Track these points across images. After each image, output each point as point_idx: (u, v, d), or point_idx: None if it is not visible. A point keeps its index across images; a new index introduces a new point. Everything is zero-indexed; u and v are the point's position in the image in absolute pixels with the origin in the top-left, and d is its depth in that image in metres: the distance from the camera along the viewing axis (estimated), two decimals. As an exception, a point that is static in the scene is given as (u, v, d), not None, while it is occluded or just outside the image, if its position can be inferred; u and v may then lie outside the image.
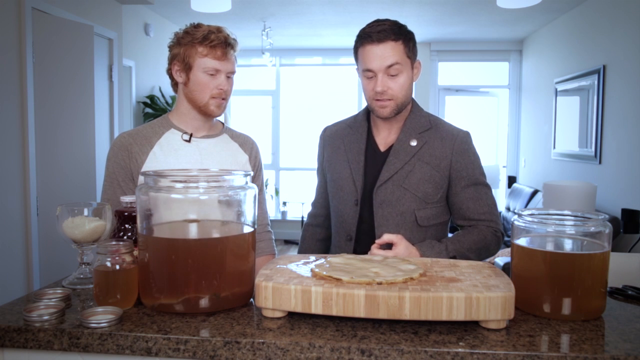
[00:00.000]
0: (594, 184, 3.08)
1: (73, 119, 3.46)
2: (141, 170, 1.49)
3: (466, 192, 1.49)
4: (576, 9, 4.69)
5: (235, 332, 0.93)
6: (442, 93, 6.52)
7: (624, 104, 3.80)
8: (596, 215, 1.07)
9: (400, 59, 1.42)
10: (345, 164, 1.55)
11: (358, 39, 1.46)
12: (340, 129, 1.63)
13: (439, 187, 1.49)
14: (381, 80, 1.42)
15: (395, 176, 1.48)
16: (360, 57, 1.46)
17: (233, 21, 5.32)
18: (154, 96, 5.08)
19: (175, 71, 1.53)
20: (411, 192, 1.47)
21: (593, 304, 1.02)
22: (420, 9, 4.87)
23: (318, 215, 1.71)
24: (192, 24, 1.53)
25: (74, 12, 3.54)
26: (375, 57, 1.41)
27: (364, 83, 1.48)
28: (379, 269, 1.04)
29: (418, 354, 0.87)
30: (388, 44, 1.41)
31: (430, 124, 1.53)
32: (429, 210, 1.49)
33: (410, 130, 1.51)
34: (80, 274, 1.22)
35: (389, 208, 1.48)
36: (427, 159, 1.48)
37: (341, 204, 1.55)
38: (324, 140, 1.66)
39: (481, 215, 1.49)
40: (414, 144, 1.49)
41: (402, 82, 1.44)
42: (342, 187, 1.55)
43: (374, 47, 1.41)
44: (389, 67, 1.41)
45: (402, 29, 1.44)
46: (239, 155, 1.63)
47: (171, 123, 1.57)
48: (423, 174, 1.47)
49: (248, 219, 1.11)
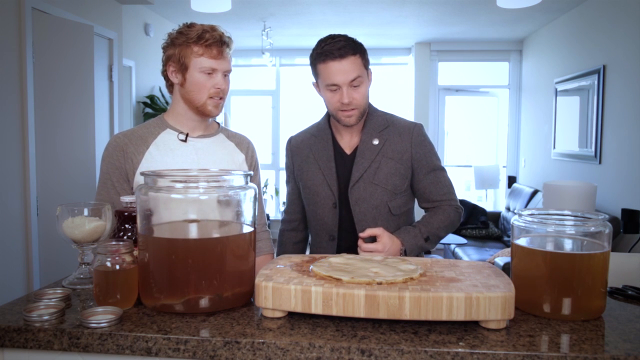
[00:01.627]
0: (594, 184, 3.08)
1: (73, 119, 3.46)
2: (138, 171, 1.49)
3: (428, 178, 1.63)
4: (576, 9, 4.69)
5: (235, 332, 0.93)
6: (442, 93, 6.52)
7: (624, 104, 3.80)
8: (596, 215, 1.07)
9: (360, 72, 1.53)
10: (317, 170, 1.66)
11: (317, 56, 1.54)
12: (306, 138, 1.73)
13: (404, 177, 1.62)
14: (347, 93, 1.52)
15: (365, 174, 1.60)
16: (322, 73, 1.55)
17: (233, 21, 5.32)
18: (154, 96, 5.08)
19: (170, 72, 1.52)
20: (382, 187, 1.60)
21: (593, 304, 1.02)
22: (420, 9, 4.87)
23: (293, 220, 1.81)
24: (185, 23, 1.52)
25: (74, 12, 3.54)
26: (338, 73, 1.51)
27: (327, 96, 1.57)
28: (379, 269, 1.04)
29: (418, 354, 0.87)
30: (349, 59, 1.51)
31: (387, 122, 1.65)
32: (399, 199, 1.63)
33: (370, 131, 1.63)
34: (80, 274, 1.22)
35: (365, 204, 1.60)
36: (390, 154, 1.61)
37: (319, 208, 1.66)
38: (292, 151, 1.76)
39: (442, 196, 1.64)
40: (376, 142, 1.62)
41: (363, 92, 1.56)
42: (317, 192, 1.65)
43: (336, 63, 1.51)
44: (352, 80, 1.52)
45: (356, 43, 1.55)
46: (236, 155, 1.63)
47: (167, 123, 1.57)
48: (389, 168, 1.60)
49: (248, 218, 1.11)
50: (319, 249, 1.69)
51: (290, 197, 1.80)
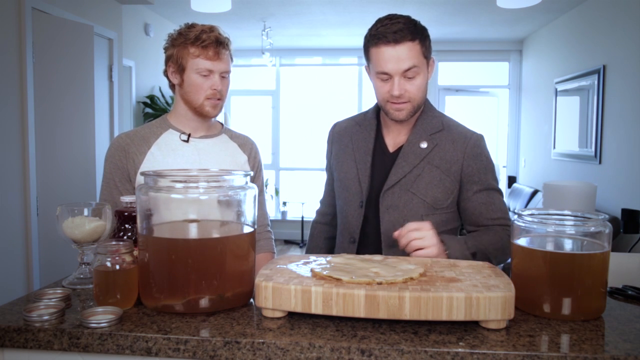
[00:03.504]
0: (594, 184, 3.08)
1: (73, 119, 3.46)
2: (139, 171, 1.49)
3: (478, 197, 1.43)
4: (576, 9, 4.68)
5: (235, 332, 0.93)
6: (442, 93, 6.52)
7: (624, 104, 3.80)
8: (596, 215, 1.07)
9: (418, 61, 1.34)
10: (352, 163, 1.50)
11: (371, 38, 1.36)
12: (350, 126, 1.56)
13: (449, 192, 1.42)
14: (398, 84, 1.34)
15: (403, 180, 1.41)
16: (373, 57, 1.36)
17: (233, 21, 5.32)
18: (154, 96, 5.08)
19: (170, 73, 1.53)
20: (419, 197, 1.41)
21: (593, 304, 1.02)
22: (420, 9, 4.87)
23: (326, 214, 1.67)
24: (186, 24, 1.52)
25: (74, 12, 3.54)
26: (391, 60, 1.32)
27: (377, 85, 1.39)
28: (379, 269, 1.04)
29: (418, 354, 0.87)
30: (405, 45, 1.32)
31: (442, 125, 1.46)
32: (438, 216, 1.42)
33: (421, 132, 1.44)
34: (80, 274, 1.22)
35: (396, 213, 1.41)
36: (437, 162, 1.42)
37: (346, 204, 1.50)
38: (332, 137, 1.60)
39: (494, 220, 1.42)
40: (424, 146, 1.42)
41: (419, 84, 1.37)
42: (347, 187, 1.50)
43: (389, 49, 1.32)
44: (406, 70, 1.33)
45: (417, 27, 1.36)
46: (238, 156, 1.63)
47: (169, 124, 1.57)
48: (432, 177, 1.41)
49: (248, 219, 1.11)
50: (340, 250, 1.53)
51: (326, 187, 1.66)
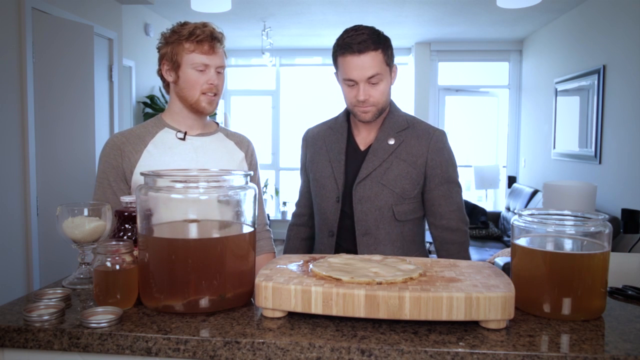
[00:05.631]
0: (594, 184, 3.08)
1: (73, 119, 3.46)
2: (136, 169, 1.49)
3: (439, 189, 1.56)
4: (576, 9, 4.68)
5: (235, 332, 0.93)
6: (442, 93, 6.52)
7: (624, 104, 3.80)
8: (596, 215, 1.07)
9: (381, 69, 1.47)
10: (327, 163, 1.62)
11: (338, 48, 1.49)
12: (322, 130, 1.69)
13: (415, 183, 1.55)
14: (363, 90, 1.47)
15: (373, 173, 1.54)
16: (340, 66, 1.50)
17: (233, 21, 5.32)
18: (154, 96, 5.08)
19: (165, 71, 1.53)
20: (389, 188, 1.53)
21: (593, 304, 1.02)
22: (420, 9, 4.87)
23: (302, 215, 1.77)
24: (178, 23, 1.53)
25: (74, 12, 3.54)
26: (356, 68, 1.45)
27: (345, 90, 1.52)
28: (379, 269, 1.04)
29: (418, 354, 0.87)
30: (369, 54, 1.44)
31: (407, 123, 1.59)
32: (406, 205, 1.56)
33: (388, 130, 1.57)
34: (80, 274, 1.22)
35: (368, 204, 1.54)
36: (404, 156, 1.55)
37: (323, 201, 1.61)
38: (307, 142, 1.72)
39: (451, 213, 1.57)
40: (391, 142, 1.56)
41: (382, 89, 1.49)
42: (324, 185, 1.61)
43: (354, 58, 1.45)
44: (370, 77, 1.46)
45: (380, 37, 1.48)
46: (235, 153, 1.63)
47: (165, 122, 1.57)
48: (400, 170, 1.54)
49: (248, 218, 1.11)
50: (320, 245, 1.65)
51: (301, 190, 1.76)
